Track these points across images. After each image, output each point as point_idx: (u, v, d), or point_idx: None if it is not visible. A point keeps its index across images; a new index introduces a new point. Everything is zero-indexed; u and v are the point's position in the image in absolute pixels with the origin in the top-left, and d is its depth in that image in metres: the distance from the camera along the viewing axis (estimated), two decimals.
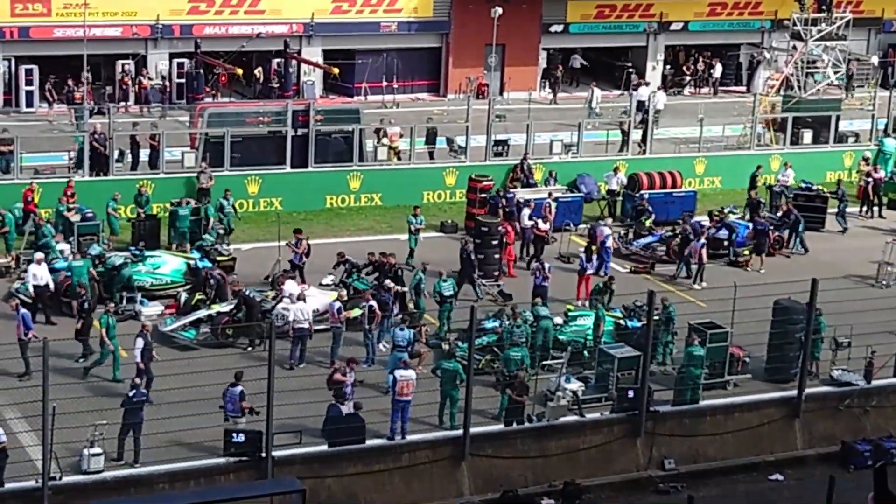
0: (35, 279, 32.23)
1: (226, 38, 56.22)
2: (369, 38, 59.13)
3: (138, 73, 54.76)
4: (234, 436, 24.55)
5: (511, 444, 27.10)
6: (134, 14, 54.65)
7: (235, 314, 31.33)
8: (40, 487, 23.08)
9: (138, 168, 42.99)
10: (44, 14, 53.19)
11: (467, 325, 27.30)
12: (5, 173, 40.98)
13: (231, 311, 31.47)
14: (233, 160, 42.01)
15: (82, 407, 24.24)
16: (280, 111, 43.80)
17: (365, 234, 40.49)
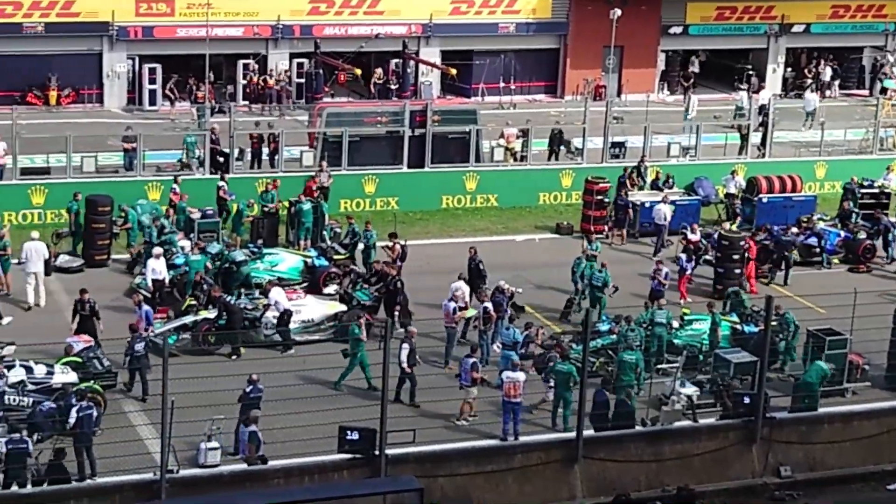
0: (154, 273, 32.74)
1: (345, 39, 56.62)
2: (487, 39, 59.15)
3: (262, 73, 55.33)
4: (348, 433, 24.68)
5: (624, 447, 26.94)
6: (255, 14, 55.27)
7: (217, 321, 30.67)
8: (158, 480, 23.46)
9: (259, 166, 43.51)
10: (167, 14, 54.01)
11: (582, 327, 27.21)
12: (129, 170, 41.70)
13: (213, 318, 30.78)
14: (350, 159, 42.31)
15: (200, 401, 24.55)
16: (398, 111, 44.01)
17: (480, 235, 40.49)
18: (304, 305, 31.99)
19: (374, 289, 33.01)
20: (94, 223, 36.07)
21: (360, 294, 32.78)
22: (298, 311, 31.60)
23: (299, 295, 32.56)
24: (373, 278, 33.42)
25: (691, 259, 36.01)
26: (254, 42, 55.86)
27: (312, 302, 32.48)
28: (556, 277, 35.64)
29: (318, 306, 32.34)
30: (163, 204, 38.50)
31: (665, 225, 39.48)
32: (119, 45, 53.79)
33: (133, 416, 26.51)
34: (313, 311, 32.02)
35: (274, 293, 31.61)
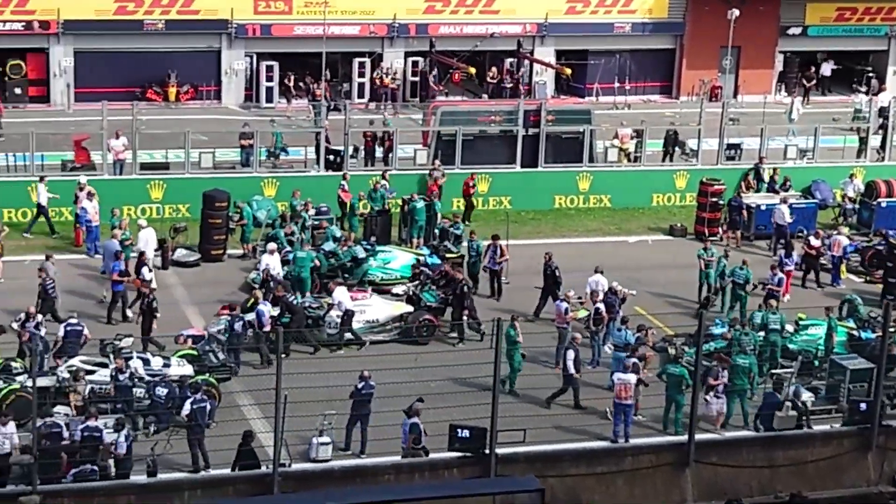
0: (272, 269, 33.07)
1: (460, 38, 56.74)
2: (602, 39, 58.91)
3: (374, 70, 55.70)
4: (459, 431, 24.73)
5: (737, 452, 26.65)
6: (372, 13, 55.60)
7: (279, 320, 30.49)
8: (271, 473, 23.70)
9: (372, 164, 43.79)
10: (285, 12, 54.56)
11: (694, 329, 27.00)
12: (245, 167, 42.20)
13: (275, 317, 30.57)
14: (464, 158, 42.39)
15: (313, 397, 24.77)
16: (512, 111, 44.00)
17: (593, 236, 40.36)
18: (369, 305, 31.86)
19: (440, 291, 32.82)
20: (210, 218, 36.56)
21: (426, 295, 32.63)
22: (363, 311, 31.47)
23: (365, 295, 32.53)
24: (441, 280, 33.32)
25: (790, 255, 35.65)
26: (370, 40, 56.20)
27: (378, 302, 32.36)
28: (668, 279, 35.38)
29: (384, 306, 32.22)
30: (279, 201, 38.92)
31: (786, 225, 38.97)
32: (237, 42, 54.46)
33: (247, 410, 26.81)
34: (378, 312, 31.93)
35: (338, 293, 31.47)
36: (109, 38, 51.85)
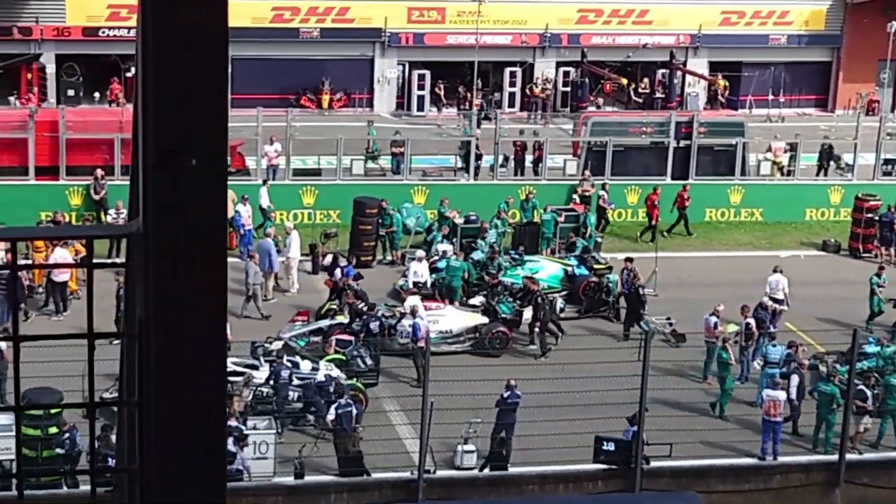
0: (416, 276, 33.25)
1: (612, 48, 56.56)
2: (757, 51, 58.23)
3: (529, 81, 55.78)
4: (604, 443, 24.64)
5: (888, 473, 26.11)
6: (524, 22, 55.70)
7: (349, 327, 30.23)
8: (416, 479, 23.85)
9: (522, 173, 43.85)
10: (438, 21, 54.94)
11: (847, 347, 26.52)
12: (395, 174, 42.57)
13: (346, 324, 30.38)
14: (614, 169, 42.23)
15: (458, 404, 24.87)
16: (663, 122, 43.72)
17: (743, 250, 39.89)
18: (443, 316, 31.64)
19: (516, 303, 32.48)
20: (360, 225, 36.95)
21: (502, 307, 32.44)
22: (436, 321, 31.14)
23: (439, 305, 32.34)
24: (519, 293, 33.01)
25: None
26: (521, 50, 56.31)
27: (452, 312, 32.10)
28: (819, 295, 34.82)
29: (458, 317, 31.93)
30: (428, 208, 39.17)
31: None
32: (390, 51, 54.99)
33: (393, 416, 27.03)
34: (452, 322, 31.70)
35: (410, 302, 31.33)
36: (265, 45, 52.74)
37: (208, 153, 2.54)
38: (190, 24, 2.49)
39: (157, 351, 2.59)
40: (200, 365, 2.61)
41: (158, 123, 2.52)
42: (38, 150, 39.13)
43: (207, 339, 2.61)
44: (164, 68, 2.50)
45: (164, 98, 2.51)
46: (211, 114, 2.53)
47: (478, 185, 41.23)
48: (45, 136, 39.36)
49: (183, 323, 2.59)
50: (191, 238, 2.56)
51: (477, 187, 40.91)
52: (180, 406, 2.61)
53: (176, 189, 2.53)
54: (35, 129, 39.18)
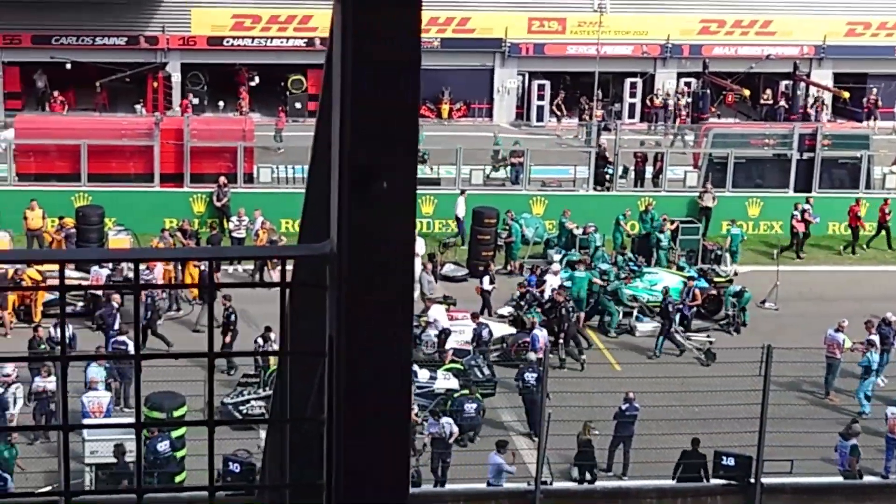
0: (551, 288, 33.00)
1: (734, 59, 56.01)
2: (883, 62, 57.22)
3: (649, 92, 55.48)
4: (724, 458, 24.37)
5: None
6: (645, 33, 55.40)
7: None
8: (533, 490, 23.80)
9: (642, 185, 43.60)
10: (558, 32, 54.86)
11: None
12: (514, 184, 42.57)
13: None
14: (735, 181, 41.82)
15: (576, 416, 24.78)
16: (786, 134, 43.20)
17: (868, 265, 39.21)
18: (468, 326, 31.30)
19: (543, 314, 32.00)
20: (479, 234, 37.01)
21: (530, 314, 32.13)
22: (462, 331, 30.76)
23: (466, 315, 31.91)
24: (548, 303, 32.55)
25: None
26: (642, 60, 56.01)
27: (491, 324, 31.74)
28: None
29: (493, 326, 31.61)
30: (547, 219, 39.12)
31: None
32: (510, 61, 55.03)
33: (510, 426, 27.01)
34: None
35: (433, 311, 30.94)
36: None
37: (399, 176, 2.60)
38: (387, 56, 2.58)
39: (347, 370, 2.65)
40: (387, 383, 2.66)
41: (353, 147, 2.59)
42: (163, 157, 39.84)
43: (394, 358, 2.66)
44: (362, 97, 2.58)
45: (359, 124, 2.58)
46: (402, 138, 2.61)
47: (597, 196, 41.07)
48: (171, 144, 40.06)
49: (372, 342, 2.64)
50: (382, 259, 2.62)
51: (596, 198, 40.74)
52: (368, 422, 2.66)
53: (369, 211, 2.59)
54: (160, 137, 39.89)
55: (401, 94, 2.60)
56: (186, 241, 35.30)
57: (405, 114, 2.62)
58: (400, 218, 2.62)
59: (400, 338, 2.66)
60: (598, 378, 29.27)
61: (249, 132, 41.79)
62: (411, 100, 2.62)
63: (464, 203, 38.59)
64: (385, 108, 2.59)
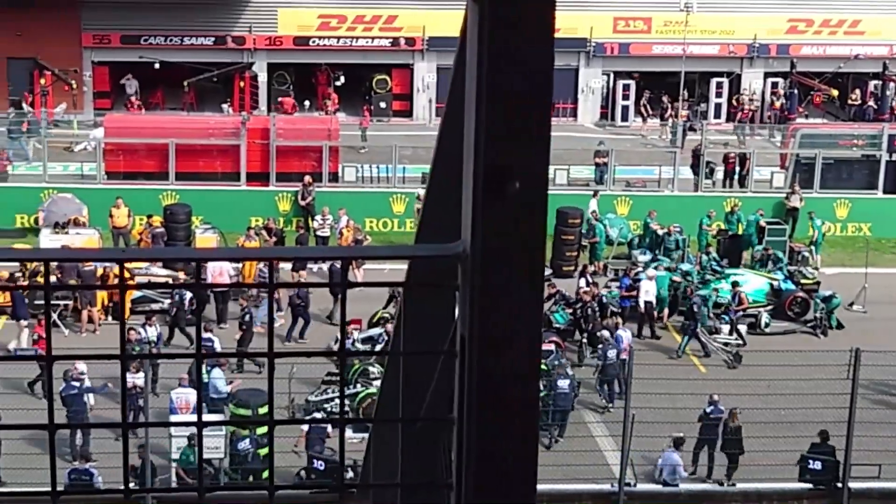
0: (647, 295, 32.79)
1: (822, 59, 55.37)
2: None
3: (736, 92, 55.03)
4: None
5: None
6: (731, 33, 54.92)
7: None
8: (616, 492, 23.73)
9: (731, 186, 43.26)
10: (644, 31, 54.57)
11: None
12: (599, 184, 42.40)
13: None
14: (822, 182, 41.38)
15: (661, 418, 24.66)
16: (875, 135, 42.67)
17: None
18: None
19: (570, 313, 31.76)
20: (563, 234, 36.92)
21: (556, 316, 31.69)
22: None
23: None
24: (576, 302, 32.15)
25: None
26: (728, 60, 55.56)
27: None
28: None
29: None
30: (631, 219, 38.96)
31: None
32: (595, 60, 54.83)
33: (593, 427, 26.93)
34: None
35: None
36: None
37: (532, 176, 2.63)
38: (523, 56, 2.60)
39: (479, 369, 2.67)
40: (519, 382, 2.68)
41: (488, 147, 2.61)
42: (249, 156, 40.19)
43: (526, 358, 2.68)
44: (497, 97, 2.60)
45: (494, 124, 2.61)
46: (536, 139, 2.63)
47: (681, 196, 40.82)
48: (257, 143, 40.39)
49: (505, 341, 2.66)
50: (514, 258, 2.64)
51: (680, 199, 40.50)
52: (500, 422, 2.69)
53: (502, 211, 2.62)
54: (247, 137, 40.24)
55: (535, 94, 2.62)
56: (271, 239, 35.57)
57: (539, 114, 2.63)
58: (532, 218, 2.64)
59: (531, 337, 2.68)
60: (683, 380, 29.10)
61: (335, 132, 42.05)
62: (545, 99, 2.63)
63: (596, 204, 38.44)
64: (520, 108, 2.61)
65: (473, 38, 2.64)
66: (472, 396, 2.67)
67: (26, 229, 38.11)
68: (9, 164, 41.01)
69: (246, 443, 24.27)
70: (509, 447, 2.69)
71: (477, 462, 2.69)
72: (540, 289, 2.69)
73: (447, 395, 2.95)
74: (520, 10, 2.60)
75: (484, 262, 2.64)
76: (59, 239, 34.08)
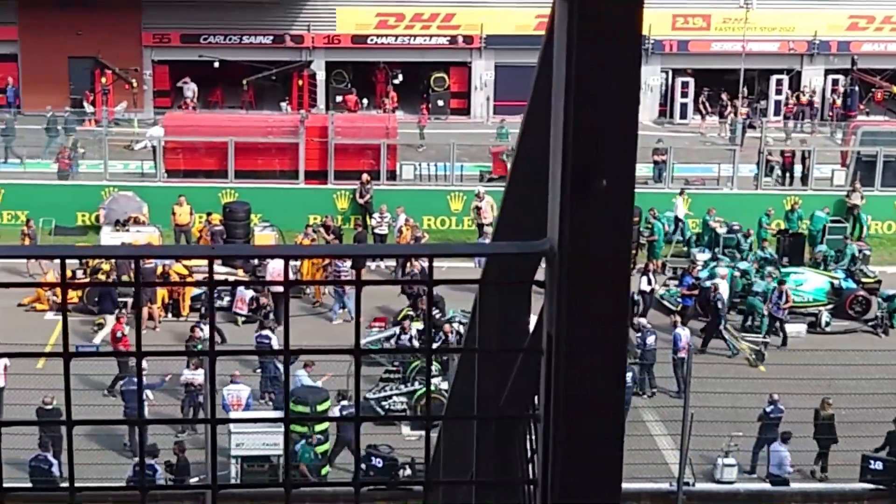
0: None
1: (884, 56, 54.83)
2: None
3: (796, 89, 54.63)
4: (871, 462, 23.96)
5: None
6: (791, 29, 54.51)
7: (421, 335, 29.21)
8: (675, 491, 23.64)
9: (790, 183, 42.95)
10: (703, 28, 54.27)
11: None
12: (657, 182, 42.23)
13: (420, 331, 29.42)
14: (884, 180, 40.99)
15: (720, 417, 24.53)
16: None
17: None
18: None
19: None
20: None
21: None
22: None
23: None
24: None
25: None
26: (788, 57, 55.16)
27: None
28: None
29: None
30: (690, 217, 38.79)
31: None
32: (653, 58, 54.53)
33: (651, 426, 26.84)
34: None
35: None
36: (529, 52, 52.88)
37: (619, 175, 2.65)
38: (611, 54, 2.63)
39: (566, 367, 2.69)
40: (607, 380, 2.70)
41: (575, 145, 2.62)
42: (308, 154, 40.35)
43: (613, 356, 2.70)
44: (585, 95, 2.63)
45: (581, 122, 2.63)
46: (623, 137, 2.65)
47: (740, 194, 40.59)
48: (315, 142, 40.54)
49: (591, 340, 2.68)
50: (602, 257, 2.66)
51: (739, 197, 40.27)
52: (587, 419, 2.71)
53: (588, 209, 2.64)
54: (305, 135, 40.40)
55: (622, 93, 2.64)
56: (329, 237, 35.70)
57: (626, 112, 2.65)
58: (620, 216, 2.66)
59: (618, 336, 2.69)
60: (742, 379, 28.98)
61: (393, 129, 42.13)
62: (632, 98, 2.65)
63: (682, 203, 38.32)
64: (607, 106, 2.63)
65: (562, 37, 2.65)
66: (558, 394, 2.69)
67: (87, 227, 38.48)
68: (72, 162, 41.35)
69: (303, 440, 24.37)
70: (596, 446, 2.71)
71: (563, 461, 2.71)
72: (627, 287, 2.71)
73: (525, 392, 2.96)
74: (609, 9, 2.62)
75: (571, 259, 2.66)
76: (119, 236, 34.36)
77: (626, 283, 2.70)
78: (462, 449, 3.48)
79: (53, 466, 23.38)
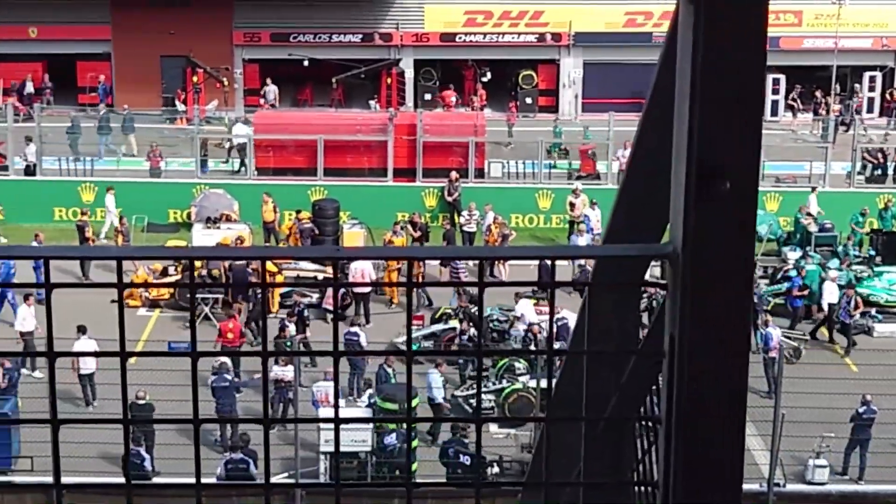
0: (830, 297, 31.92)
1: None
2: None
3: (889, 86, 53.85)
4: None
5: None
6: (885, 25, 53.75)
7: (461, 333, 29.27)
8: (765, 492, 23.41)
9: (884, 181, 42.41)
10: (794, 24, 53.68)
11: None
12: None
13: (458, 329, 29.46)
14: None
15: (811, 417, 24.26)
16: None
17: None
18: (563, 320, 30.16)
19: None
20: None
21: None
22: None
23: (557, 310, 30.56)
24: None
25: None
26: (881, 54, 54.41)
27: (570, 317, 30.53)
28: None
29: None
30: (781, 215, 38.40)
31: None
32: None
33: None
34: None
35: (521, 306, 30.18)
36: (618, 49, 52.73)
37: (742, 176, 2.63)
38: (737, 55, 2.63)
39: (689, 369, 2.69)
40: (729, 382, 2.70)
41: (700, 149, 2.63)
42: (396, 152, 40.49)
43: (735, 358, 2.70)
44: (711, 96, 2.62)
45: (706, 123, 2.63)
46: (748, 138, 2.64)
47: (832, 192, 40.08)
48: (404, 139, 40.67)
49: (715, 343, 2.68)
50: (725, 260, 2.66)
51: (832, 195, 39.77)
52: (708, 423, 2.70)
53: (712, 211, 2.63)
54: (394, 133, 40.53)
55: (748, 94, 2.63)
56: (415, 233, 35.78)
57: (751, 113, 2.64)
58: (744, 218, 2.65)
59: (741, 338, 2.70)
60: (834, 379, 28.59)
61: (481, 127, 42.14)
62: (757, 99, 2.65)
63: (815, 201, 38.03)
64: (732, 107, 2.62)
65: (686, 38, 2.64)
66: (681, 397, 2.69)
67: (179, 224, 38.90)
68: (161, 160, 41.78)
69: (392, 437, 24.46)
70: (718, 449, 2.70)
71: (685, 463, 2.71)
72: (750, 289, 2.70)
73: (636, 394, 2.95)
74: (735, 10, 2.62)
75: (694, 262, 2.65)
76: (211, 234, 34.70)
77: (749, 286, 2.69)
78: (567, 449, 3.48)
79: (146, 461, 23.63)
